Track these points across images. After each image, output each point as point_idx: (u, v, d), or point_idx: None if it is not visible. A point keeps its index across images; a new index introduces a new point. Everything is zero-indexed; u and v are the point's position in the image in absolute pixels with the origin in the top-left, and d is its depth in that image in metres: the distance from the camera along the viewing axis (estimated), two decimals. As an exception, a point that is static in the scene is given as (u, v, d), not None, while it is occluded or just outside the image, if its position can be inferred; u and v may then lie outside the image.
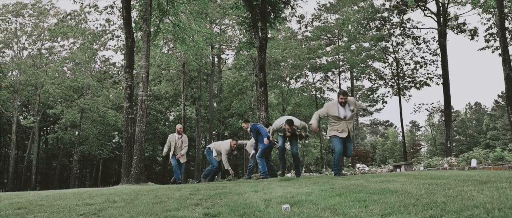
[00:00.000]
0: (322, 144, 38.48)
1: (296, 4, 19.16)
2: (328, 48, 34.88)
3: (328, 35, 35.55)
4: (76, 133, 34.76)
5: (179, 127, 11.72)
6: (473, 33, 26.53)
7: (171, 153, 11.45)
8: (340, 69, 34.97)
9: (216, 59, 34.85)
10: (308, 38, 34.93)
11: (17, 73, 34.16)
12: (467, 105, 61.15)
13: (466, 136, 55.16)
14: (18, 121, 33.27)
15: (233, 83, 35.25)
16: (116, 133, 37.40)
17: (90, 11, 23.64)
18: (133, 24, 15.55)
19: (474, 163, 9.68)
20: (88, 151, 35.71)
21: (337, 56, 34.14)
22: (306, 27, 34.62)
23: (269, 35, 18.66)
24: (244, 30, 19.40)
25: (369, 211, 3.04)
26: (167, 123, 38.63)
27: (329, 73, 36.02)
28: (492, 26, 24.78)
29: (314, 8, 47.29)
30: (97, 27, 28.12)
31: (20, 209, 4.97)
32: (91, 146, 35.17)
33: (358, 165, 23.08)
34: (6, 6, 31.63)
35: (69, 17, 26.09)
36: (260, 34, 16.31)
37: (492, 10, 20.98)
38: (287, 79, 36.47)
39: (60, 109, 31.84)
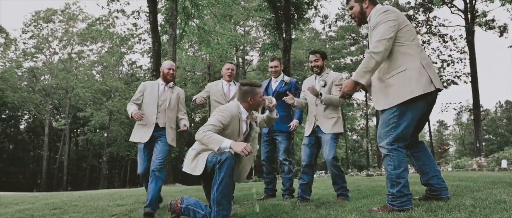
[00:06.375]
0: (348, 143, 38.10)
1: (320, 4, 19.11)
2: (352, 48, 34.57)
3: (353, 35, 35.24)
4: (105, 135, 35.56)
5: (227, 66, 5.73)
6: (503, 30, 25.74)
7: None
8: (365, 69, 34.56)
9: (240, 60, 35.03)
10: (332, 38, 34.74)
11: (49, 77, 35.28)
12: (497, 103, 59.25)
13: (497, 135, 53.51)
14: (50, 123, 34.31)
15: (258, 84, 35.31)
16: (143, 134, 37.89)
17: (118, 16, 24.26)
18: (159, 28, 15.84)
19: (504, 163, 9.45)
20: (117, 152, 36.44)
21: (361, 56, 33.80)
22: (330, 27, 34.45)
23: (293, 36, 18.63)
24: (268, 32, 19.47)
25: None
26: (192, 125, 39.00)
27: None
28: (523, 22, 24.01)
29: (338, 8, 46.83)
30: (124, 31, 28.75)
31: (56, 209, 5.17)
32: (119, 147, 35.87)
33: (384, 165, 22.81)
34: (38, 13, 32.71)
35: (97, 22, 26.78)
36: (284, 36, 16.32)
37: (523, 6, 20.37)
38: (312, 80, 36.24)
39: (89, 112, 32.68)
